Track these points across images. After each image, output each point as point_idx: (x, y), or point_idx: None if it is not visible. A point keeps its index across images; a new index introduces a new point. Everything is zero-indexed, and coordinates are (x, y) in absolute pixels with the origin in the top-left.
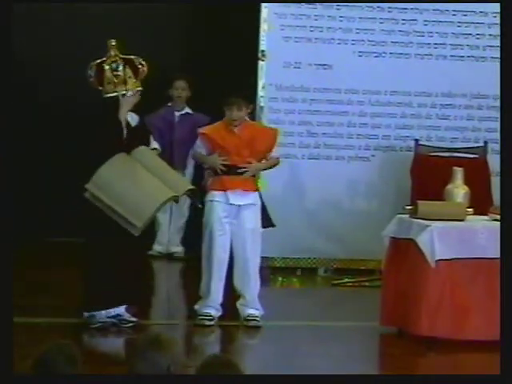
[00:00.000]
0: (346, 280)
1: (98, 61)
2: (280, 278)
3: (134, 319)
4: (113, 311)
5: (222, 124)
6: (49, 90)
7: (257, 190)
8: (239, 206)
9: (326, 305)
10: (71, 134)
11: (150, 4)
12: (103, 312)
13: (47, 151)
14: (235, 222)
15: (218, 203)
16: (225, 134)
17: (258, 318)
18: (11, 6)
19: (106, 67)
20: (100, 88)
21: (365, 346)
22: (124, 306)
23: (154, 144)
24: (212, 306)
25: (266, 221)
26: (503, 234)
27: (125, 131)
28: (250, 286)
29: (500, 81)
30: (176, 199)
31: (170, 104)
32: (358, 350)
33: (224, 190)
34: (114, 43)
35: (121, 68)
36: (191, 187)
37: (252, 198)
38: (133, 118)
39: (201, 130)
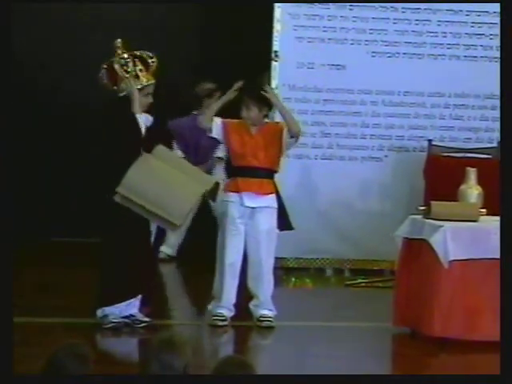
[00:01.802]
0: (359, 280)
1: (108, 62)
2: (293, 279)
3: (147, 319)
4: (126, 311)
5: (244, 123)
6: (48, 89)
7: (273, 192)
8: (253, 208)
9: (339, 305)
10: (72, 133)
11: (163, 4)
12: (116, 312)
13: (47, 151)
14: (250, 223)
15: (233, 203)
16: (243, 132)
17: (271, 319)
18: (11, 6)
19: (116, 66)
20: (115, 88)
21: (377, 347)
22: (137, 306)
23: (177, 151)
24: (225, 307)
25: (285, 223)
26: (503, 234)
27: (143, 129)
28: (264, 287)
29: (500, 80)
30: (205, 194)
31: (195, 112)
32: (371, 351)
33: (238, 192)
34: (119, 43)
35: (130, 63)
36: (215, 180)
37: (267, 200)
38: (147, 119)
39: (225, 120)
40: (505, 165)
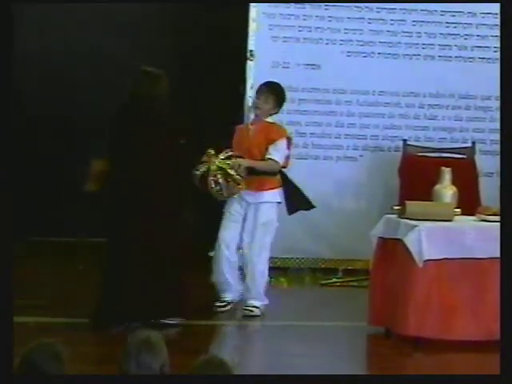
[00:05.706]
0: (334, 280)
1: (201, 171)
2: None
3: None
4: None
5: (247, 123)
6: (48, 88)
7: (274, 188)
8: (250, 203)
9: (314, 305)
10: (76, 133)
11: (134, 4)
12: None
13: (47, 151)
14: (248, 217)
15: (236, 198)
16: (244, 131)
17: (252, 308)
18: (11, 6)
19: (210, 180)
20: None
21: (352, 346)
22: None
23: None
24: (223, 290)
25: (304, 203)
26: (503, 234)
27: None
28: (255, 278)
29: (500, 82)
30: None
31: None
32: (346, 350)
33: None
34: (212, 152)
35: (221, 181)
36: None
37: (266, 196)
38: None
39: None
40: (505, 164)
